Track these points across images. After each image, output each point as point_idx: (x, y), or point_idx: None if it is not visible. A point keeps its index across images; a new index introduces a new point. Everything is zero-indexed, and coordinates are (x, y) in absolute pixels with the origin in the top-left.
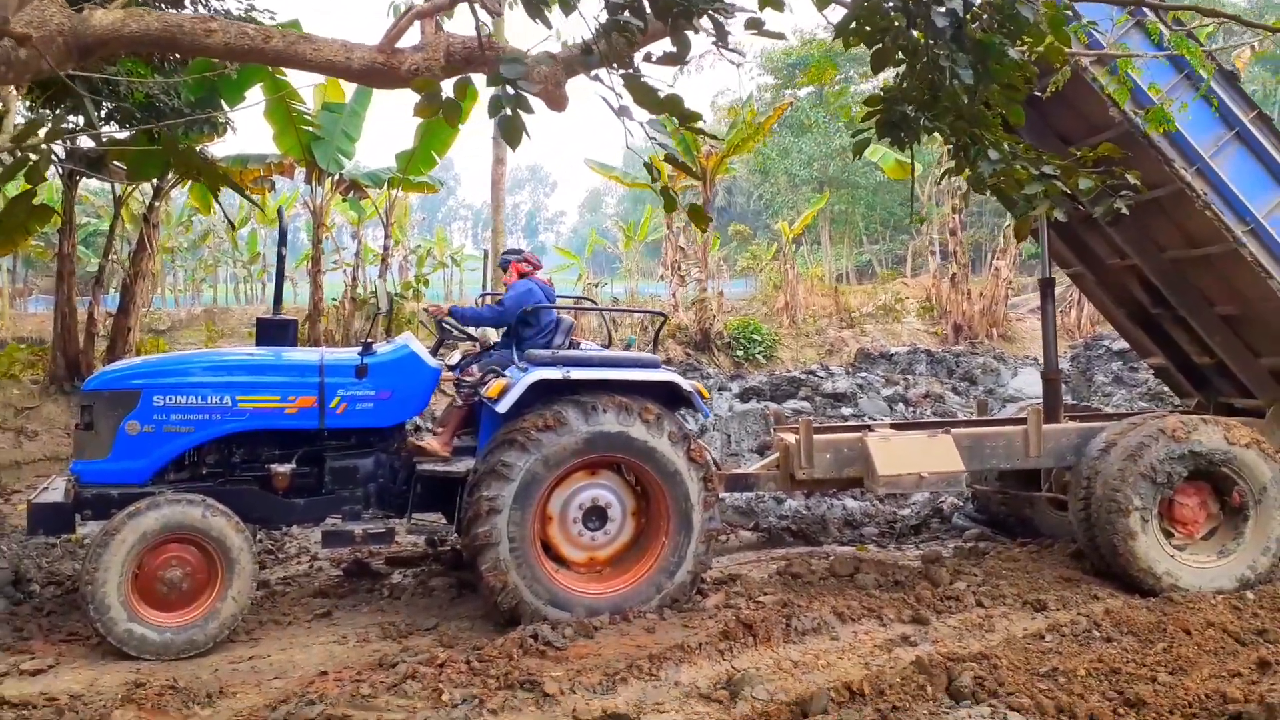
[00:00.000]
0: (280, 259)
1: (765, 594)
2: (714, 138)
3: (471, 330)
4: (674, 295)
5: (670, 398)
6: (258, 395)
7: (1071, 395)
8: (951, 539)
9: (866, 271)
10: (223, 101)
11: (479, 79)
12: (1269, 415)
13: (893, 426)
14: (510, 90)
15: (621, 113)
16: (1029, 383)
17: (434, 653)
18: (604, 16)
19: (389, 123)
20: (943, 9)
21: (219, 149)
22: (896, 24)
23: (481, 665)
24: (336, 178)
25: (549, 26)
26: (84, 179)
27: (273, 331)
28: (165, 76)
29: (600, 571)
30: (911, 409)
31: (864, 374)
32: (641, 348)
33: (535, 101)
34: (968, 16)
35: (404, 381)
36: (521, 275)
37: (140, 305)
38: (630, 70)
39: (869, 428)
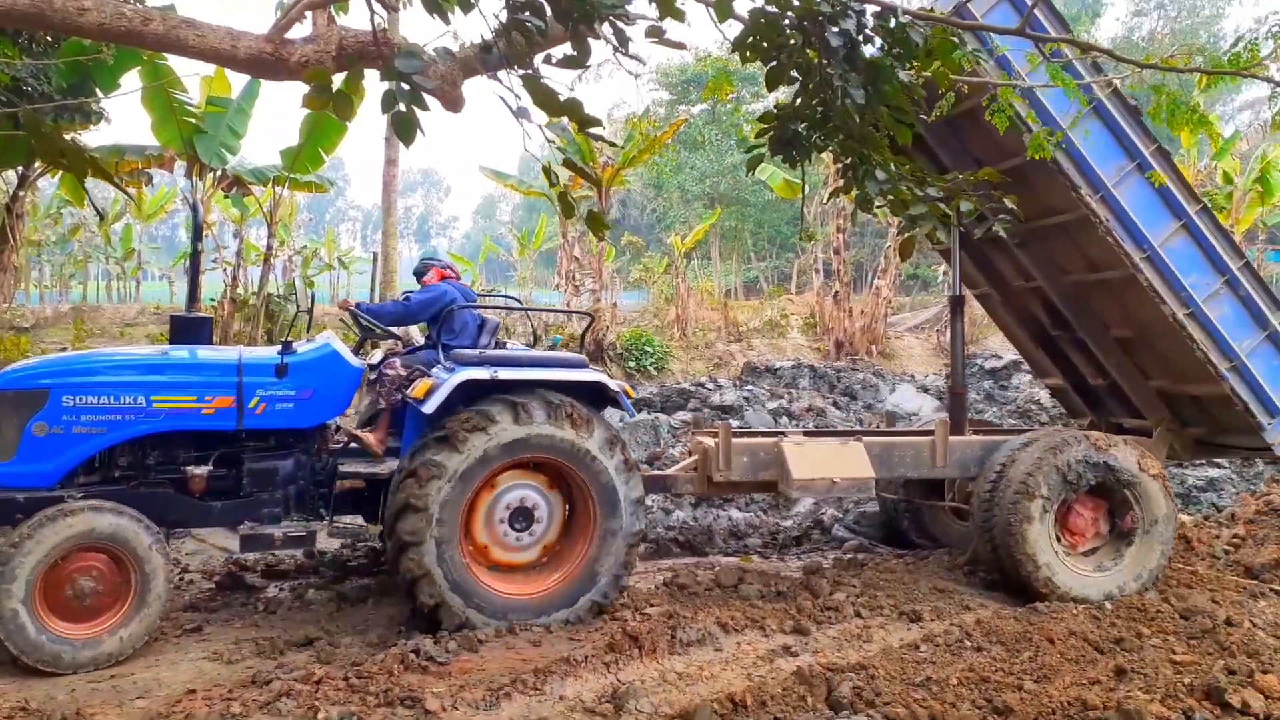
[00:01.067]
0: (195, 254)
1: (652, 605)
2: (612, 144)
3: (395, 329)
4: (568, 305)
5: (596, 397)
6: (173, 395)
7: (946, 410)
8: (831, 550)
9: (754, 287)
10: (97, 88)
11: (372, 74)
12: (1156, 435)
13: (805, 434)
14: (405, 86)
15: (520, 114)
16: (906, 398)
17: (310, 669)
18: (505, 16)
19: (277, 118)
20: (837, 29)
21: (93, 139)
22: (792, 42)
23: (360, 682)
24: (219, 173)
25: (446, 22)
26: None
27: (187, 329)
28: (35, 58)
29: (526, 574)
30: (795, 422)
31: (750, 387)
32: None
33: (431, 102)
34: (860, 38)
35: (326, 381)
36: (442, 279)
37: (1, 300)
38: (530, 72)
39: (783, 433)
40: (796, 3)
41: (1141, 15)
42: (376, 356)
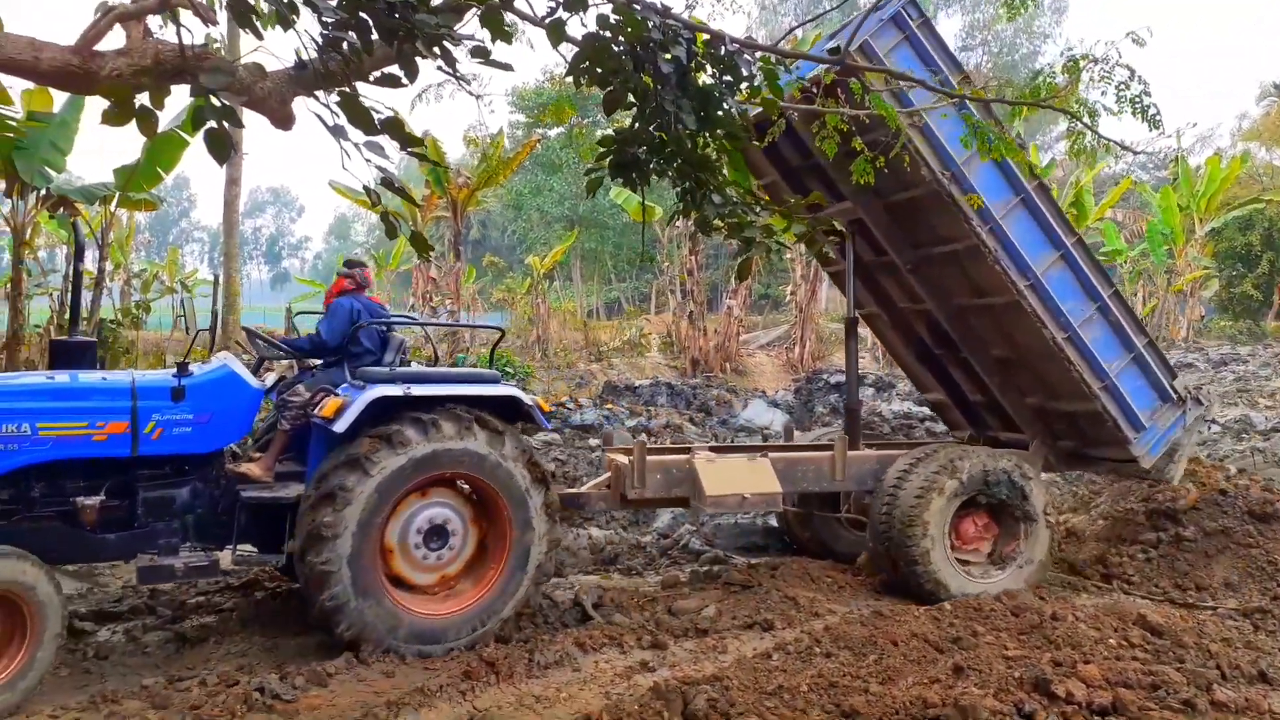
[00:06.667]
0: (76, 275)
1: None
2: (438, 164)
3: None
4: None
5: (511, 412)
6: (62, 422)
7: (797, 424)
8: (689, 563)
9: (615, 308)
10: None
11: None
12: (1032, 448)
13: (713, 449)
14: (216, 102)
15: (336, 132)
16: (758, 413)
17: (145, 717)
18: (323, 35)
19: (109, 133)
20: (669, 56)
21: None
22: (627, 67)
23: None
24: (43, 193)
25: (260, 37)
26: None
27: (70, 354)
28: None
29: (438, 595)
30: (653, 439)
31: (610, 405)
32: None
33: (261, 120)
34: (692, 65)
35: (225, 404)
36: (342, 292)
37: None
38: (347, 90)
39: (691, 448)
40: (628, 29)
41: (968, 50)
42: (271, 378)
